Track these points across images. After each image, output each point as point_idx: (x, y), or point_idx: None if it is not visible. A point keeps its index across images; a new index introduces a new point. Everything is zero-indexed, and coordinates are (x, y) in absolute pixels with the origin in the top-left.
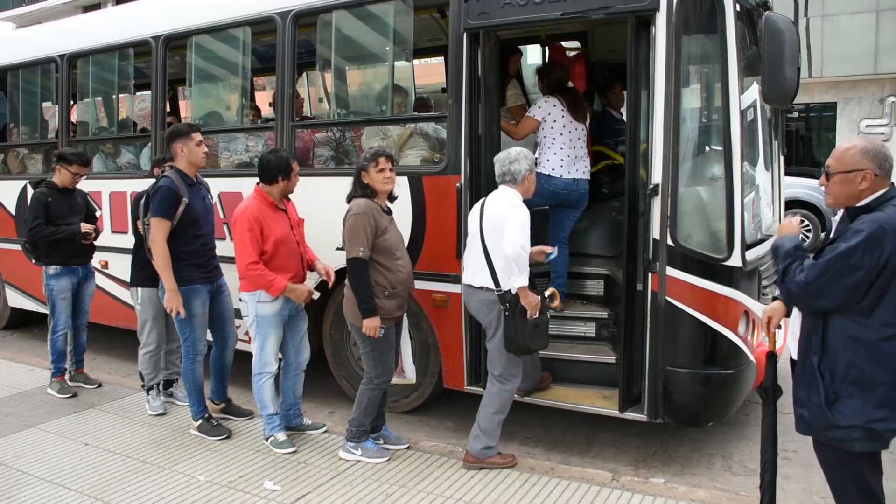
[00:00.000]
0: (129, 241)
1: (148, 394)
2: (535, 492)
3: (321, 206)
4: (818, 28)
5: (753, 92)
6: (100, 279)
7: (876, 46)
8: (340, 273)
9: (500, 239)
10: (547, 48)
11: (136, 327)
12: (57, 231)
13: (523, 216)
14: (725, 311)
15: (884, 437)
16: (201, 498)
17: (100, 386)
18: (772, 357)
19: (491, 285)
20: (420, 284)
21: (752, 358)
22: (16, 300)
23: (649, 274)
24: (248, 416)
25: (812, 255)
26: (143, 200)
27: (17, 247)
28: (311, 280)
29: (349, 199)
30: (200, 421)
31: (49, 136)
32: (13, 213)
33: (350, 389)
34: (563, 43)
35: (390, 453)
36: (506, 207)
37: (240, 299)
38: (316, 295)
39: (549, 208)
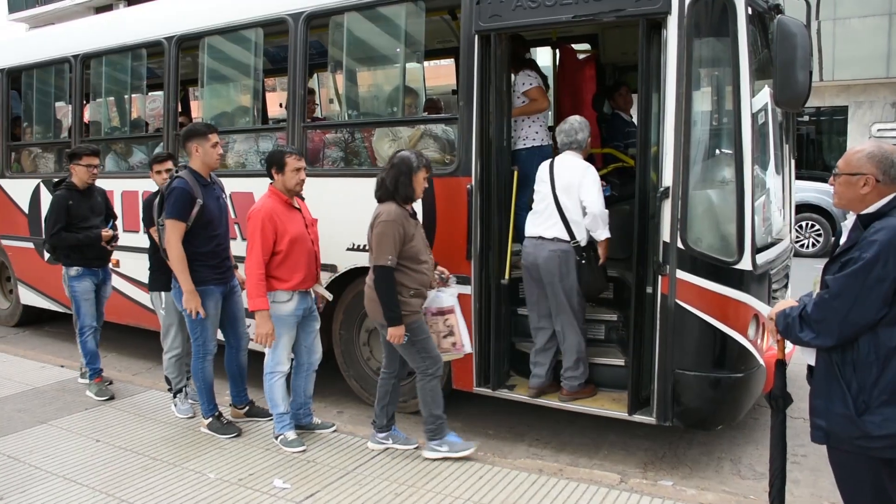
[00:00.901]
0: (140, 239)
1: (175, 397)
2: (543, 493)
3: (333, 206)
4: (830, 31)
5: (765, 95)
6: (112, 278)
7: (888, 50)
8: (352, 273)
9: (576, 198)
10: (557, 50)
11: (146, 325)
12: (78, 238)
13: (597, 178)
14: (735, 314)
15: None
16: (211, 495)
17: (110, 384)
18: (780, 365)
19: (566, 237)
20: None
21: (761, 362)
22: (28, 298)
23: (659, 277)
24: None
25: (826, 262)
26: (156, 201)
27: (30, 245)
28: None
29: (382, 199)
30: (210, 419)
31: (62, 135)
32: (26, 211)
33: (359, 389)
34: (574, 45)
35: (476, 444)
36: (581, 171)
37: None
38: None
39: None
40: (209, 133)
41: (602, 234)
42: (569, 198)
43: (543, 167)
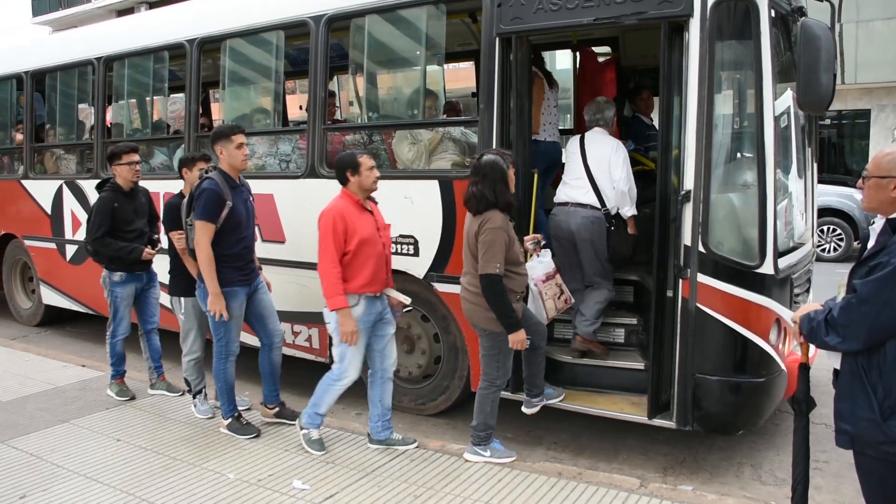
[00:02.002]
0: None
1: (195, 398)
2: (562, 496)
3: None
4: (852, 34)
5: (787, 98)
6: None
7: None
8: None
9: (607, 171)
10: (578, 53)
11: (166, 326)
12: (120, 249)
13: (626, 155)
14: (757, 318)
15: None
16: (231, 495)
17: (183, 394)
18: (804, 368)
19: (598, 205)
20: (450, 288)
21: (783, 367)
22: (50, 298)
23: (680, 280)
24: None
25: (853, 266)
26: (184, 202)
27: (52, 245)
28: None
29: (480, 211)
30: (230, 420)
31: (84, 137)
32: (49, 212)
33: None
34: (595, 48)
35: (515, 454)
36: (612, 147)
37: (325, 305)
38: (407, 301)
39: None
40: (233, 134)
41: (629, 211)
42: (600, 170)
43: (573, 142)
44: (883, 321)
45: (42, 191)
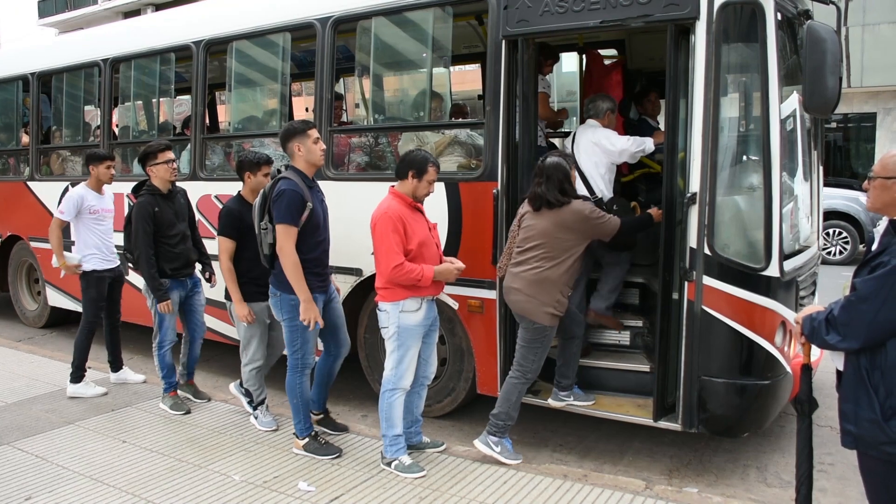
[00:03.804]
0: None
1: (256, 409)
2: (568, 498)
3: (359, 211)
4: (858, 37)
5: (793, 101)
6: (137, 279)
7: None
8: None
9: (595, 156)
10: (584, 56)
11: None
12: (153, 279)
13: (610, 132)
14: (762, 321)
15: None
16: (236, 497)
17: (209, 400)
18: (806, 369)
19: (587, 194)
20: (455, 290)
21: (788, 369)
22: (56, 300)
23: (685, 283)
24: (343, 431)
25: (857, 267)
26: (256, 203)
27: None
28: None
29: (548, 205)
30: (307, 439)
31: (90, 138)
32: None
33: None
34: (601, 51)
35: (522, 457)
36: (599, 134)
37: (378, 310)
38: (461, 268)
39: None
40: (308, 129)
41: (637, 156)
42: (588, 159)
43: (570, 138)
44: (881, 319)
45: (48, 192)
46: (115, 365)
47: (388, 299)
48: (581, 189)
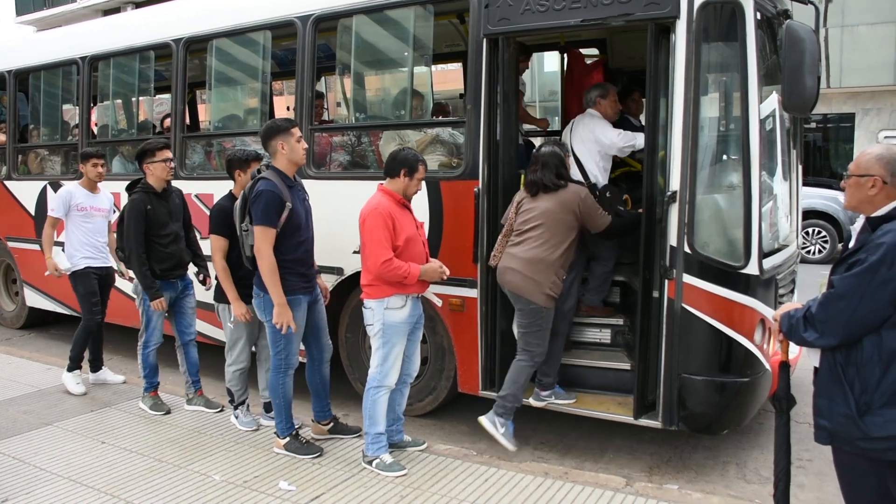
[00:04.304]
0: None
1: (236, 409)
2: (548, 496)
3: (340, 209)
4: (837, 38)
5: (773, 101)
6: (120, 281)
7: None
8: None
9: (589, 145)
10: (565, 55)
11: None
12: (145, 278)
13: (606, 125)
14: (741, 318)
15: None
16: (216, 497)
17: (221, 410)
18: (784, 367)
19: (581, 179)
20: (437, 289)
21: (767, 367)
22: (34, 300)
23: (666, 281)
24: (357, 433)
25: (834, 265)
26: (237, 204)
27: (36, 247)
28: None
29: (545, 190)
30: (288, 438)
31: (69, 137)
32: (33, 213)
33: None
34: (582, 50)
35: (518, 444)
36: (596, 125)
37: (363, 307)
38: (446, 273)
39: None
40: (291, 127)
41: (627, 150)
42: (583, 145)
43: (567, 128)
44: (859, 316)
45: (26, 192)
46: (96, 365)
47: (374, 296)
48: (576, 175)
